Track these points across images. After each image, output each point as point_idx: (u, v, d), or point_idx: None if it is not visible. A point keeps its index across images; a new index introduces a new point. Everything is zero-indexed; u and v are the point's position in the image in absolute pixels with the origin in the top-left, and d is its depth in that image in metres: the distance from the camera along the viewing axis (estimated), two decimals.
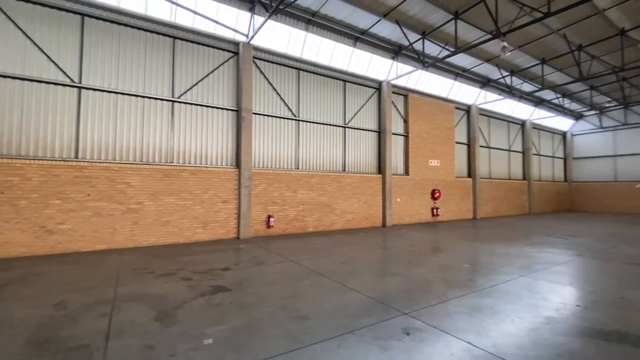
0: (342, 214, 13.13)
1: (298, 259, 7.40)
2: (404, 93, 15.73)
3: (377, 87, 14.78)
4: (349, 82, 13.86)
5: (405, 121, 15.80)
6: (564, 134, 26.01)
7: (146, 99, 9.48)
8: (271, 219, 11.03)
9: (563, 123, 25.33)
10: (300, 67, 12.46)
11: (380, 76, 14.51)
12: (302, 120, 12.52)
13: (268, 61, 11.75)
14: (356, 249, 8.72)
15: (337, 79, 13.50)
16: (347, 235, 11.21)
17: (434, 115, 16.69)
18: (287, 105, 12.17)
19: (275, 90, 11.90)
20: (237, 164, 10.81)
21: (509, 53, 13.61)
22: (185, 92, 10.11)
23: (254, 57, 11.35)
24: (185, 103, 10.10)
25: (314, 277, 5.88)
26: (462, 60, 15.45)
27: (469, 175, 18.60)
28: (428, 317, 4.01)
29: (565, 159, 25.98)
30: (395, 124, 15.43)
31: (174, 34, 9.91)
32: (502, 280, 5.65)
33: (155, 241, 9.16)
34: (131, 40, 9.29)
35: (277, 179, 11.52)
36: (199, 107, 10.36)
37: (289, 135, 12.21)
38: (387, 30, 12.48)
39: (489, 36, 11.78)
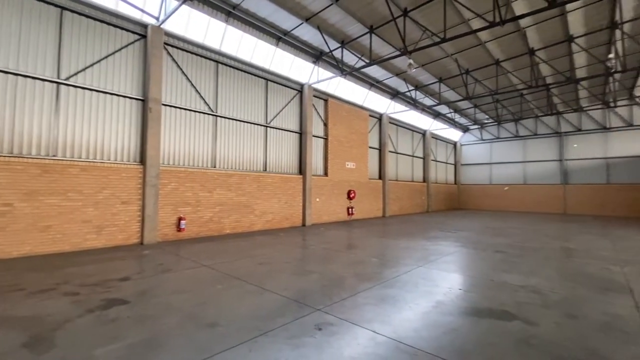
0: (263, 215, 12.92)
1: (212, 263, 6.98)
2: (325, 97, 16.34)
3: (299, 89, 15.01)
4: (271, 81, 13.74)
5: (325, 124, 16.43)
6: (455, 144, 30.60)
7: (20, 78, 7.73)
8: (182, 222, 10.17)
9: (454, 134, 29.81)
10: (219, 60, 11.83)
11: (302, 79, 14.77)
12: (221, 116, 11.90)
13: (183, 50, 10.83)
14: (275, 249, 8.68)
15: (259, 76, 13.24)
16: (267, 236, 11.07)
17: (351, 120, 17.75)
18: (204, 99, 11.41)
19: (190, 81, 11.04)
20: (142, 160, 9.65)
21: (414, 70, 15.39)
22: (75, 74, 8.58)
23: (165, 43, 10.31)
24: (76, 87, 8.57)
25: (229, 281, 5.63)
26: (376, 72, 16.83)
27: (380, 177, 20.36)
28: (339, 311, 4.22)
29: (455, 165, 30.60)
30: (316, 127, 15.91)
31: (62, 3, 8.32)
32: (404, 272, 6.32)
33: (30, 251, 7.54)
34: (3, 5, 7.46)
35: (191, 177, 10.69)
36: (94, 92, 8.91)
37: (206, 131, 11.47)
38: (309, 34, 12.77)
39: (398, 53, 13.10)
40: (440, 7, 10.98)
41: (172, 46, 10.55)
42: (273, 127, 13.79)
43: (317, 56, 14.27)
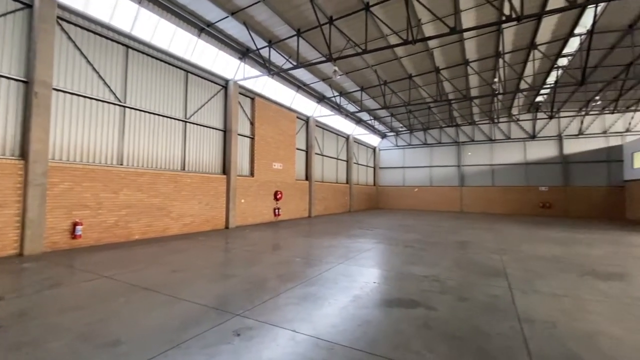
0: (180, 218, 11.93)
1: (115, 273, 6.16)
2: (251, 96, 15.94)
3: (224, 84, 14.34)
4: (192, 73, 12.81)
5: (252, 123, 16.04)
6: (374, 148, 33.04)
7: None
8: (78, 227, 8.73)
9: (374, 140, 32.20)
10: (129, 44, 10.54)
11: (227, 74, 14.14)
12: (130, 107, 10.61)
13: (83, 28, 9.33)
14: (193, 254, 8.09)
15: (178, 67, 12.22)
16: (184, 241, 10.25)
17: (278, 121, 17.69)
18: (109, 87, 10.02)
19: (92, 65, 9.58)
20: (24, 154, 8.00)
21: (339, 77, 16.11)
22: None
23: (59, 18, 8.75)
24: None
25: (135, 292, 5.04)
26: (303, 75, 17.13)
27: (307, 179, 20.76)
28: (260, 314, 4.15)
29: (374, 168, 33.05)
30: (242, 125, 15.41)
31: None
32: (325, 269, 6.55)
33: None
34: None
35: (90, 176, 9.26)
36: None
37: (111, 123, 10.08)
38: (235, 29, 12.30)
39: (324, 59, 13.56)
40: (362, 20, 11.73)
41: (68, 22, 9.00)
42: (193, 123, 12.88)
43: (244, 53, 13.85)
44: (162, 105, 11.67)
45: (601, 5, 11.18)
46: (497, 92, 18.69)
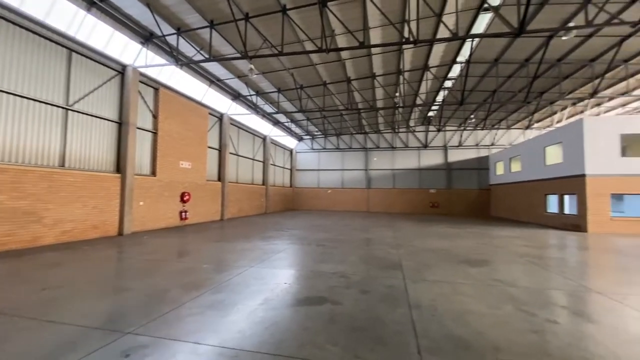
0: (57, 224, 9.90)
1: None
2: (155, 86, 14.33)
3: (121, 70, 12.54)
4: (78, 53, 10.82)
5: (155, 117, 14.42)
6: (291, 150, 33.47)
7: None
8: None
9: (291, 142, 32.63)
10: None
11: (125, 59, 12.40)
12: None
13: None
14: (73, 267, 6.81)
15: (58, 43, 10.16)
16: (62, 252, 8.54)
17: (187, 116, 16.34)
18: None
19: None
20: None
21: (255, 76, 15.81)
22: None
23: None
24: None
25: None
26: (217, 69, 16.24)
27: (219, 179, 19.71)
28: (157, 329, 3.73)
29: (291, 170, 33.47)
30: (143, 118, 13.71)
31: None
32: (236, 274, 6.31)
33: None
34: None
35: None
36: None
37: None
38: (135, 9, 10.89)
39: (239, 55, 13.11)
40: (279, 22, 11.76)
41: None
42: (78, 112, 10.90)
43: (147, 37, 12.38)
44: (34, 86, 9.52)
45: (476, 40, 13.67)
46: (398, 105, 21.03)
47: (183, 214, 15.74)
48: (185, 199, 15.83)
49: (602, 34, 12.93)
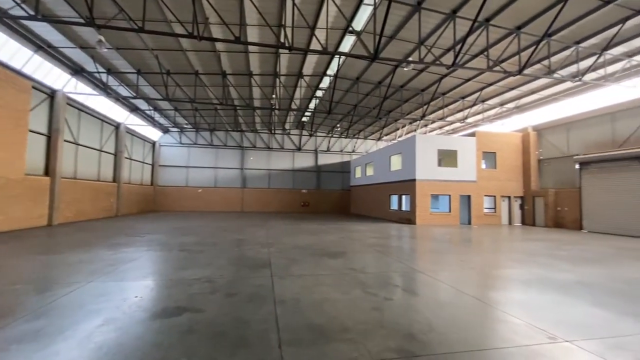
0: None
1: None
2: None
3: None
4: None
5: None
6: (154, 143, 29.35)
7: None
8: None
9: (154, 133, 28.62)
10: None
11: None
12: None
13: None
14: None
15: None
16: None
17: None
18: None
19: None
20: None
21: (106, 50, 13.13)
22: None
23: None
24: None
25: None
26: (51, 33, 12.65)
27: (47, 174, 15.36)
28: None
29: (153, 165, 29.33)
30: None
31: None
32: (65, 293, 5.03)
33: None
34: None
35: None
36: None
37: None
38: None
39: (83, 21, 10.61)
40: None
41: None
42: None
43: None
44: None
45: (342, 58, 15.35)
46: (274, 107, 21.48)
47: None
48: None
49: (430, 71, 16.73)
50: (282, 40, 12.88)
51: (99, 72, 15.82)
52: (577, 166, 17.92)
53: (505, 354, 3.33)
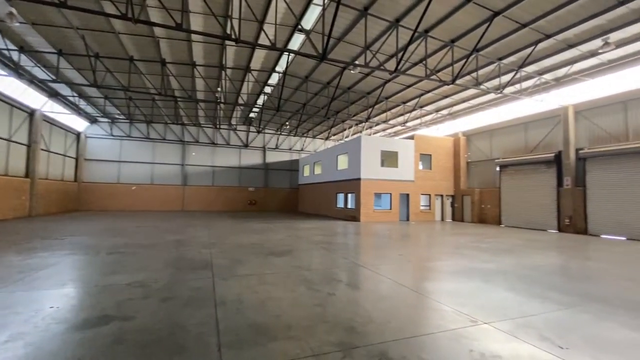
0: None
1: None
2: None
3: None
4: None
5: None
6: (78, 134, 26.07)
7: None
8: None
9: (78, 123, 25.43)
10: None
11: None
12: None
13: None
14: None
15: None
16: None
17: None
18: None
19: None
20: None
21: (18, 24, 11.35)
22: None
23: None
24: None
25: None
26: None
27: None
28: None
29: (77, 159, 26.05)
30: None
31: None
32: None
33: None
34: None
35: None
36: None
37: None
38: None
39: None
40: None
41: None
42: None
43: None
44: None
45: (292, 55, 15.27)
46: (219, 100, 20.59)
47: None
48: None
49: (375, 75, 17.48)
50: (228, 31, 12.37)
51: (8, 50, 13.54)
52: (497, 168, 20.32)
53: (434, 338, 3.65)
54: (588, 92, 16.11)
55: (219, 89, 19.41)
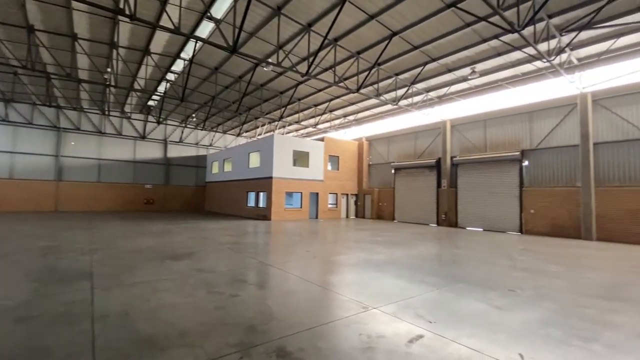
0: None
1: None
2: None
3: None
4: None
5: None
6: None
7: None
8: None
9: None
10: None
11: None
12: None
13: None
14: None
15: None
16: None
17: None
18: None
19: None
20: None
21: None
22: None
23: None
24: None
25: None
26: None
27: None
28: None
29: None
30: None
31: None
32: None
33: None
34: None
35: None
36: None
37: None
38: None
39: None
40: None
41: None
42: None
43: None
44: None
45: (200, 43, 14.19)
46: (108, 82, 17.79)
47: None
48: None
49: (288, 75, 17.66)
50: (121, 5, 10.77)
51: None
52: (392, 171, 22.97)
53: (331, 327, 3.91)
54: (461, 110, 19.67)
55: (108, 69, 16.72)
